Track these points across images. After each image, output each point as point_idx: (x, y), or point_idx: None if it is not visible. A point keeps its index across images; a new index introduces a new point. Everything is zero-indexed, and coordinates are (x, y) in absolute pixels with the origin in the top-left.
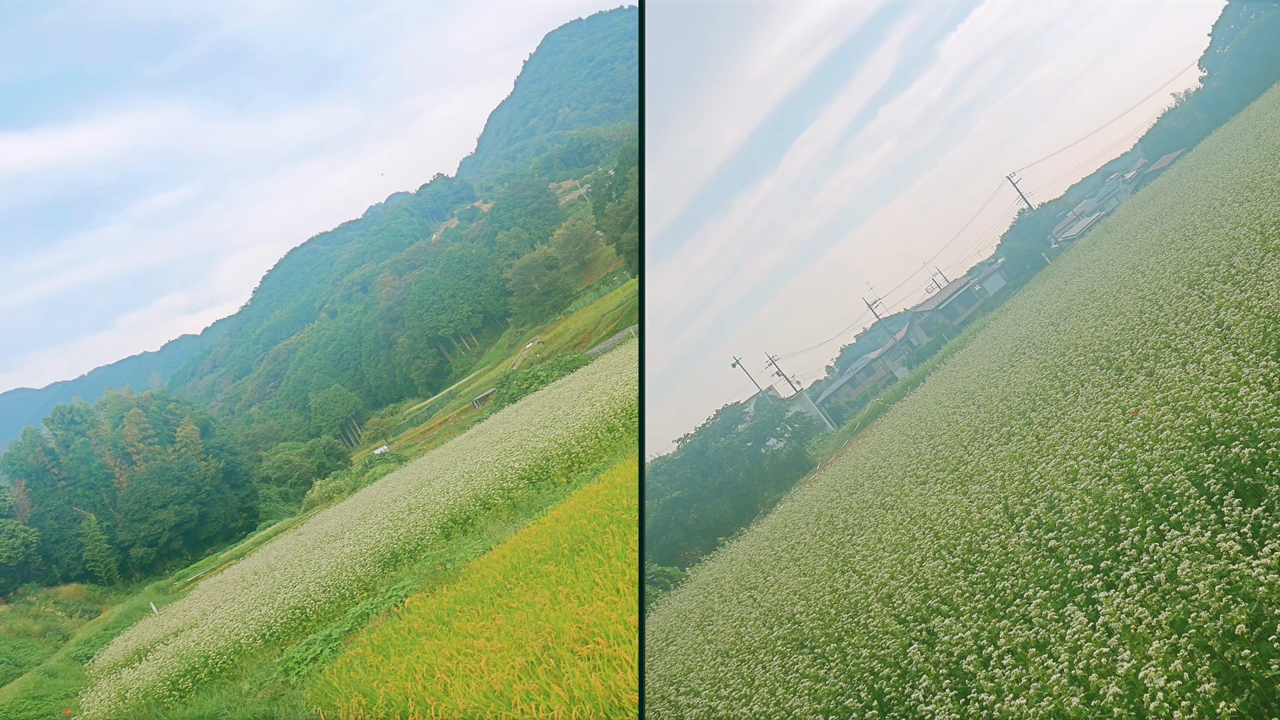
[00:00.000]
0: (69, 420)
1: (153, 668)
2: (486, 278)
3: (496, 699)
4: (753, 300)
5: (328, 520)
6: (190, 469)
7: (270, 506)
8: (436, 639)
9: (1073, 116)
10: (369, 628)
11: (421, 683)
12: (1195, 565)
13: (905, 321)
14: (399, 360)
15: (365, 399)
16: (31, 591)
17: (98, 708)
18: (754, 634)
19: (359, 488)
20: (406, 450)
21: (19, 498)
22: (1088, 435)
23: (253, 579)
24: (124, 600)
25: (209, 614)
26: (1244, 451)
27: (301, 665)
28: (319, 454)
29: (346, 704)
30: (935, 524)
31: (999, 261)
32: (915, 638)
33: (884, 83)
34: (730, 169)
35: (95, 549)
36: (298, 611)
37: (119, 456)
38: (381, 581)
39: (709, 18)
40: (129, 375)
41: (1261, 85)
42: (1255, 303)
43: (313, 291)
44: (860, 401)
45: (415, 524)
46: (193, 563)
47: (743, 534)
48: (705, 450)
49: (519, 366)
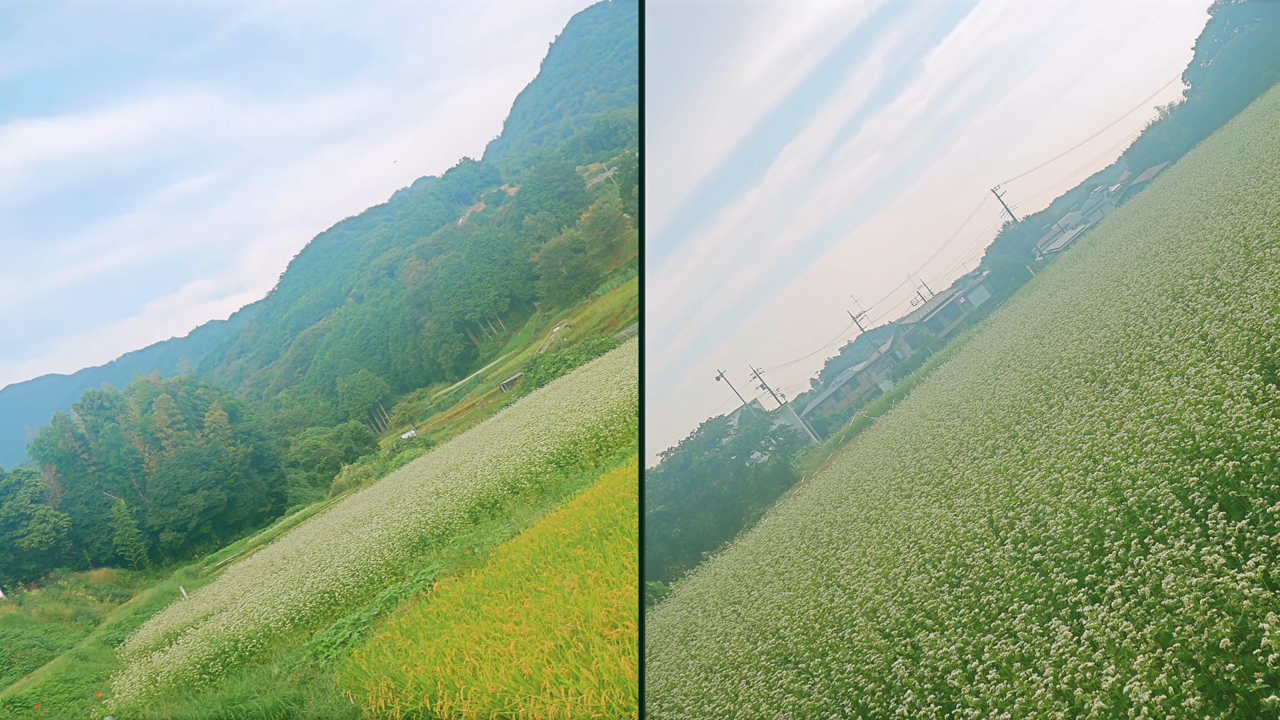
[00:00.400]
0: (98, 406)
1: (183, 651)
2: (513, 261)
3: (525, 683)
4: (737, 313)
5: (356, 505)
6: (219, 454)
7: (298, 491)
8: (465, 623)
9: (1057, 130)
10: (397, 612)
11: (450, 666)
12: (1180, 579)
13: (890, 334)
14: (426, 345)
15: (392, 384)
16: (62, 576)
17: (129, 691)
18: (738, 649)
19: (386, 472)
20: (434, 435)
21: (50, 483)
22: (1072, 448)
23: (281, 563)
24: (154, 584)
25: (238, 598)
26: (1228, 465)
27: (330, 649)
28: (346, 439)
29: (375, 687)
30: (920, 538)
31: (984, 274)
32: (900, 652)
33: (869, 96)
34: (715, 181)
35: (125, 534)
36: (326, 596)
37: (148, 442)
38: (410, 566)
39: (694, 30)
40: (157, 361)
41: (1245, 99)
42: (1239, 315)
43: (339, 276)
44: (845, 414)
45: (443, 508)
46: (221, 547)
47: (727, 548)
48: (689, 464)
49: (546, 350)
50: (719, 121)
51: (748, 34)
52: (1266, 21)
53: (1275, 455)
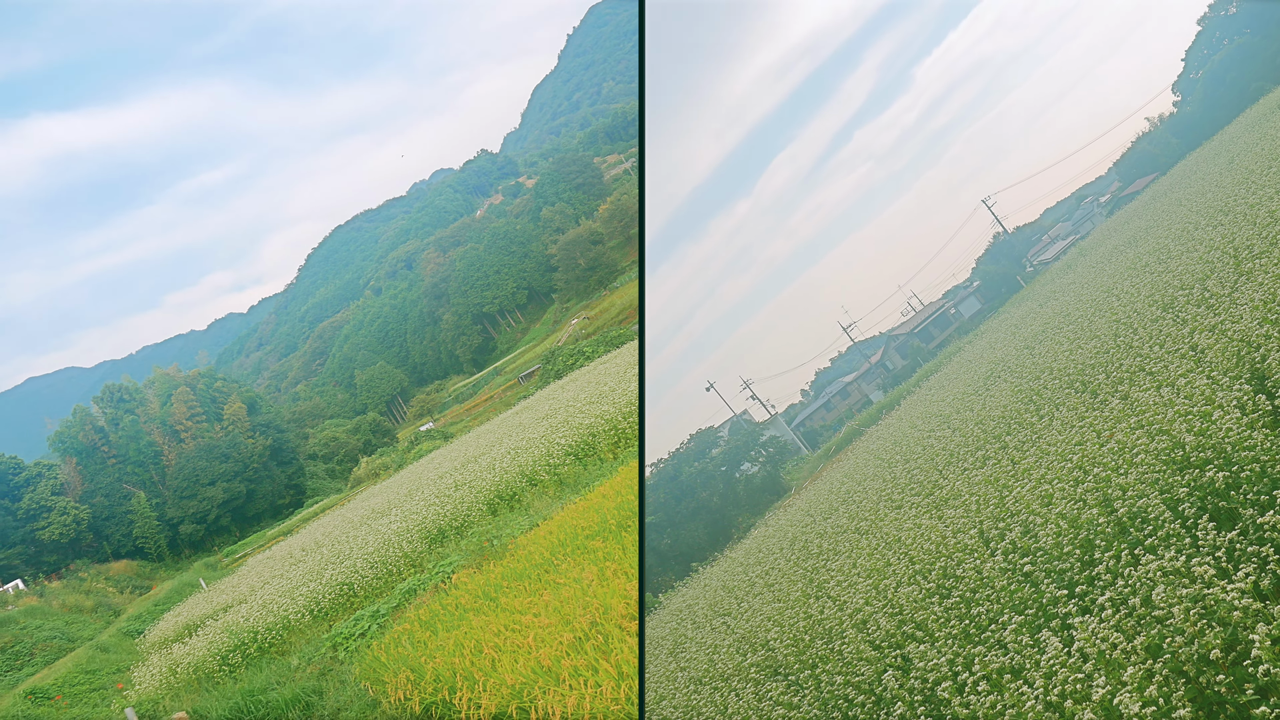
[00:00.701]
0: (118, 399)
1: (203, 643)
2: (531, 253)
3: (544, 674)
4: (727, 323)
5: (374, 497)
6: (238, 446)
7: (317, 483)
8: (484, 615)
9: (1048, 140)
10: (416, 604)
11: (469, 658)
12: (1170, 590)
13: (880, 345)
14: (444, 337)
15: (411, 376)
16: (83, 568)
17: (149, 682)
18: (727, 661)
19: (405, 464)
20: (452, 427)
21: (70, 475)
22: (1063, 459)
23: (300, 555)
24: (174, 576)
25: (258, 590)
26: (1218, 475)
27: (350, 641)
28: (365, 431)
29: (395, 679)
30: (910, 549)
31: (974, 285)
32: (890, 664)
33: (860, 106)
34: (706, 191)
35: (145, 526)
36: (345, 587)
37: (167, 434)
38: (429, 558)
39: (685, 40)
40: (176, 353)
41: (1234, 110)
42: (1229, 326)
43: (358, 269)
44: (835, 425)
45: (462, 500)
46: (241, 539)
47: (716, 559)
48: (679, 475)
49: (564, 342)
50: (710, 131)
51: (738, 45)
52: (1256, 33)
53: (1265, 466)
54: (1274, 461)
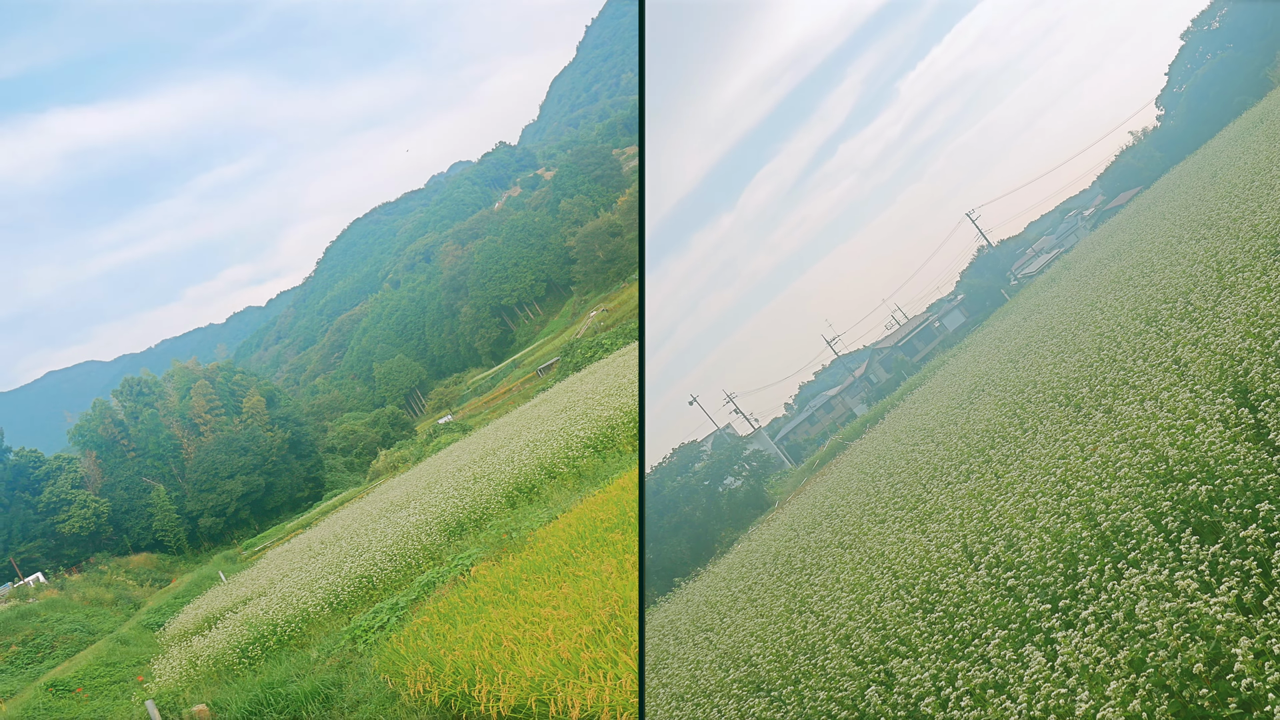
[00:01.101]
0: (137, 392)
1: (222, 635)
2: (550, 246)
3: (564, 667)
4: (711, 337)
5: (393, 490)
6: (256, 439)
7: (336, 476)
8: (503, 607)
9: (1032, 154)
10: (435, 596)
11: (489, 651)
12: (1153, 604)
13: (864, 358)
14: (462, 330)
15: (429, 369)
16: (103, 561)
17: (169, 674)
18: (710, 677)
19: (424, 457)
20: (471, 419)
21: (90, 469)
22: (1046, 473)
23: (319, 548)
24: (193, 569)
25: (277, 583)
26: (1201, 489)
27: (369, 633)
28: (383, 424)
29: (414, 672)
30: (894, 563)
31: (958, 298)
32: (873, 679)
33: (843, 120)
34: (689, 205)
35: (164, 519)
36: (365, 580)
37: (186, 427)
38: (447, 550)
39: (668, 53)
40: (195, 347)
41: (1218, 124)
42: (1212, 340)
43: (376, 262)
44: (819, 439)
45: (480, 493)
46: (260, 532)
47: (699, 574)
48: (662, 489)
49: (583, 335)
50: (693, 144)
51: (722, 59)
52: (1239, 47)
53: (1248, 480)
54: (1257, 475)
